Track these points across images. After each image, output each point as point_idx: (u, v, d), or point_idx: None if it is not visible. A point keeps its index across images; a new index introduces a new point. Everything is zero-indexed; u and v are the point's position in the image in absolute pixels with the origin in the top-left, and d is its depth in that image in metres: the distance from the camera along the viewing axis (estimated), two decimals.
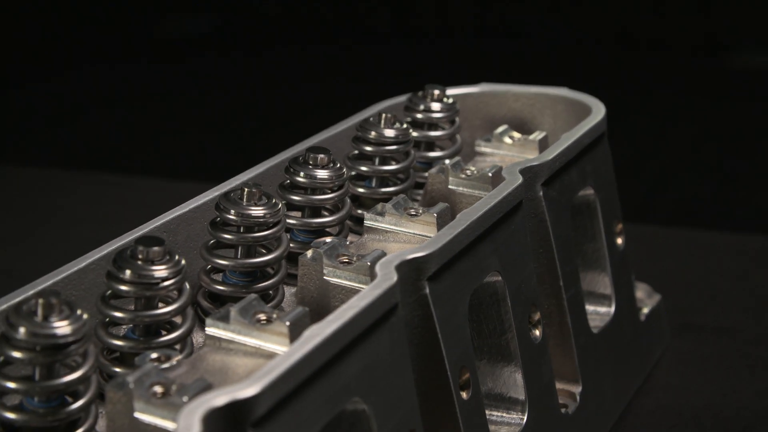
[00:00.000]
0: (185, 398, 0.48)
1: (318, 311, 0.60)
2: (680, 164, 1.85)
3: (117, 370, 0.56)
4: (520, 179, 0.67)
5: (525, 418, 0.65)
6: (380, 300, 0.53)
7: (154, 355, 0.53)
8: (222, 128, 1.96)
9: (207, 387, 0.49)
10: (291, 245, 0.66)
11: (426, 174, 0.76)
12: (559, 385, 0.71)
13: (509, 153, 0.78)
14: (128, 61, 2.21)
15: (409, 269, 0.57)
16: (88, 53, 2.21)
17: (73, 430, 0.52)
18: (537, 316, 0.68)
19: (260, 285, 0.62)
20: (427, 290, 0.58)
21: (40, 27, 2.21)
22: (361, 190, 0.74)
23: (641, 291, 0.86)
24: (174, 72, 2.20)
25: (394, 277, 0.55)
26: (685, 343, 0.87)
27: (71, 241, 1.11)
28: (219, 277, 0.63)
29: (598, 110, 0.79)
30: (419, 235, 0.64)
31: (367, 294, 0.53)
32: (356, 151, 0.74)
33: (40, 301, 0.49)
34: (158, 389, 0.49)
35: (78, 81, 2.13)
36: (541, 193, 0.70)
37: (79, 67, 2.16)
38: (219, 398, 0.45)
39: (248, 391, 0.45)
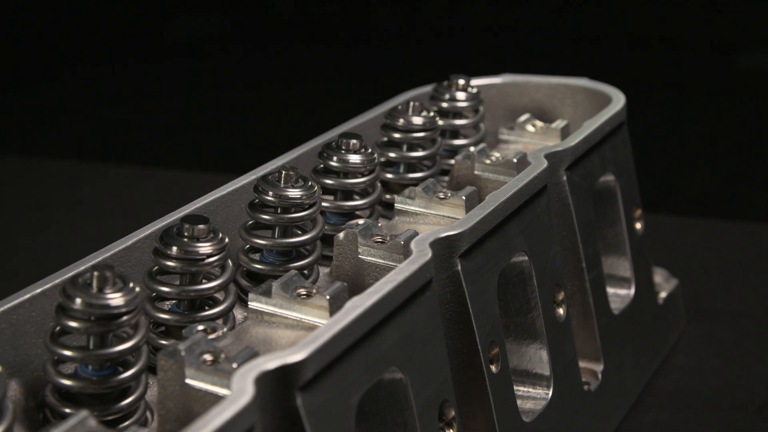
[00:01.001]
0: (234, 365, 0.50)
1: (352, 289, 0.62)
2: (691, 160, 1.88)
3: (163, 342, 0.59)
4: (545, 163, 0.70)
5: (550, 393, 0.68)
6: (417, 274, 0.56)
7: (200, 327, 0.55)
8: (240, 124, 1.98)
9: (254, 355, 0.51)
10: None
11: (451, 161, 0.78)
12: (581, 364, 0.74)
13: (532, 141, 0.80)
14: (146, 60, 2.24)
15: (442, 247, 0.60)
16: (110, 51, 2.24)
17: (124, 398, 0.54)
18: (561, 296, 0.70)
19: (296, 264, 0.65)
20: (459, 267, 0.60)
21: (63, 26, 2.24)
22: (389, 175, 0.77)
23: (659, 276, 0.88)
24: (191, 69, 2.23)
25: (429, 253, 0.58)
26: (700, 327, 0.90)
27: (95, 230, 1.14)
28: (257, 256, 0.66)
29: (618, 99, 0.81)
30: (448, 217, 0.67)
31: (404, 269, 0.56)
32: (385, 138, 0.77)
33: (95, 273, 0.52)
34: (208, 357, 0.51)
35: (99, 78, 2.16)
36: (564, 178, 0.72)
37: (99, 65, 2.20)
38: (270, 362, 0.47)
39: (297, 356, 0.48)
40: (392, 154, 0.76)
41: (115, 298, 0.52)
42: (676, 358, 0.85)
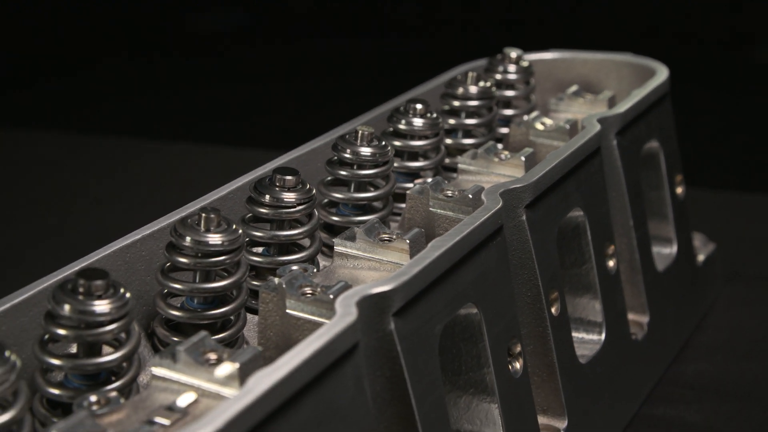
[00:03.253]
0: (331, 296, 0.55)
1: None
2: (708, 151, 1.93)
3: (255, 283, 0.65)
4: (598, 127, 0.75)
5: (602, 339, 0.73)
6: (490, 219, 0.62)
7: (294, 267, 0.61)
8: (276, 109, 2.04)
9: (347, 288, 0.57)
10: None
11: (504, 129, 0.84)
12: (629, 316, 0.79)
13: (580, 111, 0.86)
14: (182, 52, 2.30)
15: (510, 197, 0.65)
16: (165, 40, 2.31)
17: (224, 329, 0.60)
18: (611, 250, 0.75)
19: (370, 217, 0.70)
20: (524, 217, 0.66)
21: (120, 18, 2.31)
22: (448, 141, 0.82)
23: (697, 240, 0.94)
24: (232, 59, 2.29)
25: (500, 202, 0.63)
26: (736, 290, 0.95)
27: (155, 202, 1.20)
28: (333, 210, 0.71)
29: (662, 72, 0.87)
30: (508, 176, 0.72)
31: (479, 214, 0.61)
32: (445, 106, 0.82)
33: (203, 215, 0.57)
34: (307, 290, 0.57)
35: (155, 63, 2.23)
36: (614, 142, 0.78)
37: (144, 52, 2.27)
38: (371, 289, 0.53)
39: (392, 284, 0.54)
40: (451, 121, 0.82)
41: (217, 237, 0.57)
42: (714, 317, 0.91)
